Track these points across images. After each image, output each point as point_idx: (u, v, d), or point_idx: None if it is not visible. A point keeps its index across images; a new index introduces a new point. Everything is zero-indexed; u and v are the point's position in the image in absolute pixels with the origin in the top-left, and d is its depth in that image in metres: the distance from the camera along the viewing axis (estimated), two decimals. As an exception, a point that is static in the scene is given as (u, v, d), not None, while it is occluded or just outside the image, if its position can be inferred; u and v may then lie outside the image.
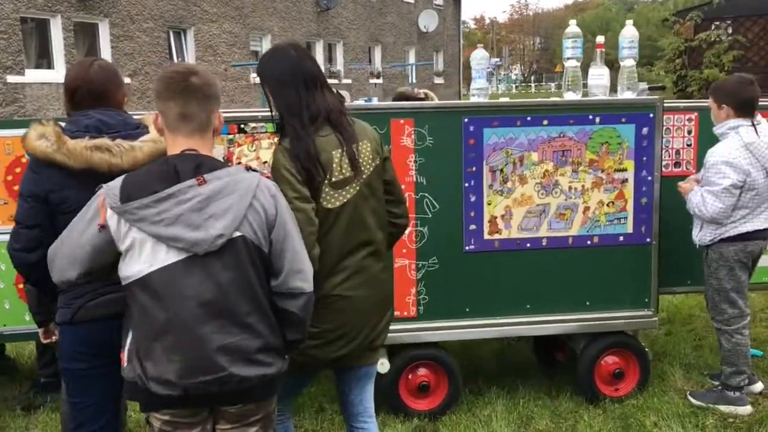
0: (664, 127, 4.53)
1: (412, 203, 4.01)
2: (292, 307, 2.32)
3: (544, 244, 4.17)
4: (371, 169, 2.85)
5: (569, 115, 4.09)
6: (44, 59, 16.34)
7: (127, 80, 17.62)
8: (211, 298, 2.17)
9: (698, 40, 17.22)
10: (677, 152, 4.58)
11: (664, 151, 4.57)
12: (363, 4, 26.35)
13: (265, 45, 22.26)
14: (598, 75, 4.21)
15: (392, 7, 28.18)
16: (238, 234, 2.18)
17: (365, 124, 2.94)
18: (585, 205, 4.17)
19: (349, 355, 2.87)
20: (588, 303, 4.25)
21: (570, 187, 4.15)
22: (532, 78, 73.27)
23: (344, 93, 4.14)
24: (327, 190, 2.73)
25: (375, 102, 4.14)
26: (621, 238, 4.23)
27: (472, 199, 4.07)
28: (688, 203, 4.09)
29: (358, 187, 2.79)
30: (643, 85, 4.35)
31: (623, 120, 4.13)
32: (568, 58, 4.22)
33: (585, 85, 4.36)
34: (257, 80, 3.01)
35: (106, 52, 17.36)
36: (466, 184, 4.05)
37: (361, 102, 4.12)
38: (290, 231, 2.31)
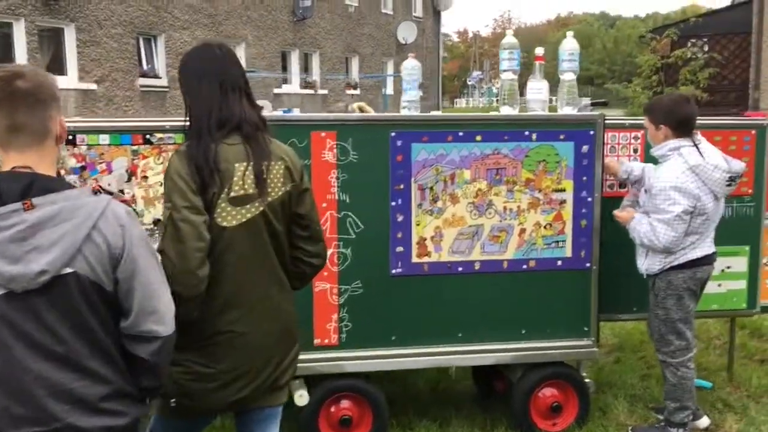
0: (609, 146, 4.30)
1: (334, 222, 3.74)
2: (143, 353, 2.01)
3: (476, 268, 3.90)
4: (280, 193, 2.55)
5: (504, 131, 3.83)
6: (7, 63, 15.90)
7: (93, 86, 17.32)
8: (39, 339, 1.87)
9: (674, 57, 17.18)
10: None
11: (609, 170, 4.33)
12: (340, 14, 26.13)
13: (240, 53, 21.98)
14: (537, 89, 3.97)
15: (370, 18, 27.98)
16: (68, 270, 1.87)
17: (287, 149, 2.65)
18: (521, 227, 3.91)
19: (249, 397, 2.58)
20: (524, 331, 3.98)
21: (505, 208, 3.89)
22: (514, 92, 73.31)
23: (265, 103, 3.87)
24: (223, 205, 2.44)
25: (296, 113, 3.85)
26: (559, 263, 3.97)
27: (400, 219, 3.80)
28: (632, 233, 3.84)
29: (261, 208, 2.50)
30: (586, 101, 4.10)
31: (562, 137, 3.88)
32: (505, 71, 3.97)
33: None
34: None
35: (71, 58, 17.00)
36: (393, 203, 3.78)
37: (279, 113, 3.82)
38: (142, 267, 2.00)
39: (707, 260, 3.80)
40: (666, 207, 3.68)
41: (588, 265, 3.98)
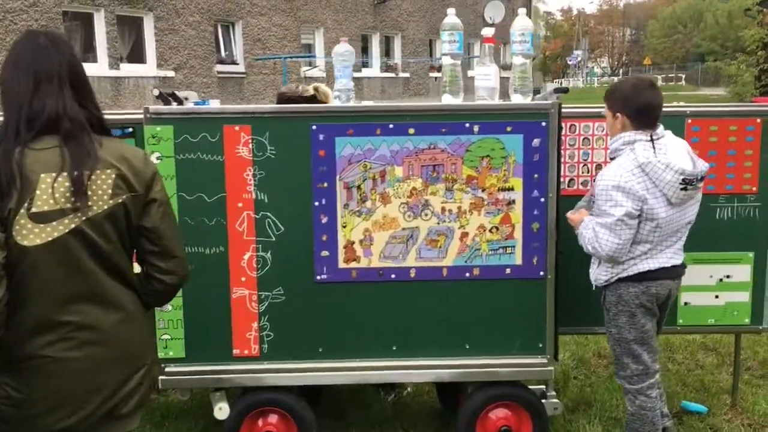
0: (582, 137, 3.80)
1: (252, 224, 3.44)
2: None
3: (412, 275, 3.52)
4: (105, 207, 2.23)
5: (441, 122, 3.41)
6: (89, 53, 16.44)
7: (171, 74, 17.65)
8: None
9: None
10: (599, 166, 3.81)
11: (581, 165, 3.84)
12: (424, -5, 25.66)
13: (318, 38, 21.96)
14: (484, 75, 3.51)
15: (455, -2, 27.31)
16: None
17: (130, 153, 2.29)
18: (462, 230, 3.49)
19: (77, 427, 2.32)
20: (468, 346, 3.57)
21: (443, 209, 3.48)
22: (620, 71, 70.71)
23: (189, 94, 3.61)
24: (23, 221, 2.16)
25: (214, 104, 3.56)
26: (508, 271, 3.53)
27: (324, 220, 3.46)
28: (580, 239, 3.35)
29: (73, 225, 2.20)
30: (550, 87, 3.60)
31: (508, 129, 3.43)
32: (445, 54, 3.53)
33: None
34: (308, 74, 2.47)
35: (150, 46, 17.37)
36: (316, 203, 3.44)
37: (190, 105, 3.54)
38: None
39: (665, 273, 3.27)
40: (607, 209, 3.17)
41: (542, 273, 3.52)
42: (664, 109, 3.76)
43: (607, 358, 4.86)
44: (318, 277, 3.49)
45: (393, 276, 3.51)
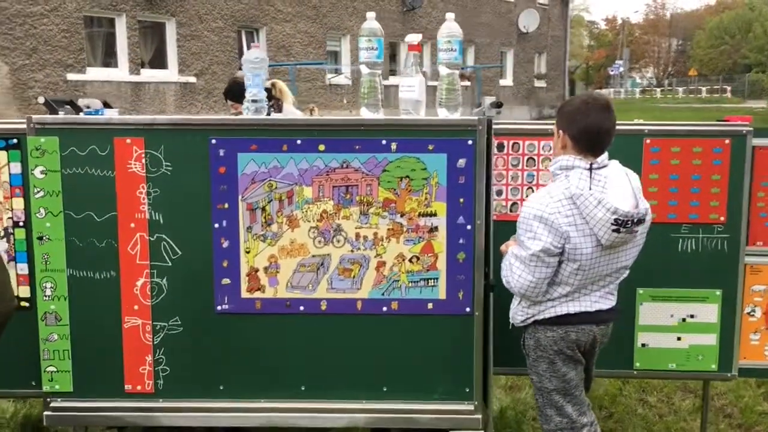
0: (526, 157, 3.41)
1: (146, 246, 3.12)
2: None
3: (323, 308, 3.16)
4: None
5: (354, 138, 3.06)
6: (111, 58, 16.46)
7: (192, 79, 17.57)
8: None
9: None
10: (546, 190, 3.40)
11: (526, 188, 3.44)
12: (455, 3, 25.22)
13: (344, 46, 21.70)
14: (408, 86, 3.15)
15: (488, 6, 26.88)
16: None
17: None
18: (379, 259, 3.12)
19: None
20: (385, 389, 3.20)
21: (358, 235, 3.11)
22: (665, 82, 69.23)
23: (92, 101, 3.32)
24: None
25: (111, 114, 3.25)
26: (430, 306, 3.15)
27: (225, 244, 3.12)
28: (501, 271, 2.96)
29: None
30: (488, 101, 3.20)
31: (430, 147, 3.05)
32: (362, 63, 3.17)
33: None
34: (333, 81, 2.22)
35: (172, 52, 17.31)
36: (216, 225, 3.11)
37: (81, 114, 3.25)
38: None
39: (588, 318, 2.84)
40: (525, 240, 2.77)
41: (468, 309, 3.13)
42: (620, 127, 3.37)
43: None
44: (218, 308, 3.16)
45: (302, 308, 3.16)
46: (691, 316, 3.49)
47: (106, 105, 3.68)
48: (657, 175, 3.40)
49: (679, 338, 3.51)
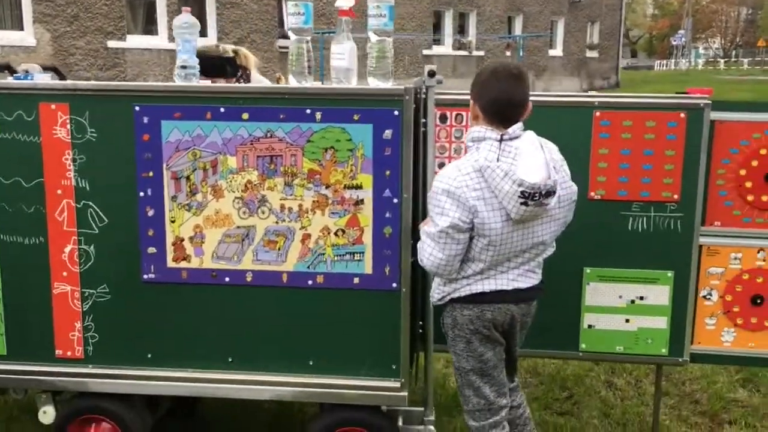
0: (454, 128, 3.29)
1: (72, 213, 3.11)
2: None
3: (248, 279, 3.11)
4: None
5: (279, 107, 2.97)
6: (152, 26, 16.63)
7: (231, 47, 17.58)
8: None
9: None
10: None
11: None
12: (504, -30, 24.71)
13: (386, 13, 21.41)
14: (338, 54, 3.03)
15: (539, -27, 26.22)
16: None
17: None
18: (304, 231, 3.05)
19: None
20: (311, 363, 3.14)
21: (283, 207, 3.05)
22: (732, 53, 66.78)
23: (32, 66, 3.32)
24: None
25: (42, 79, 3.23)
26: (356, 280, 3.07)
27: (150, 213, 3.09)
28: None
29: None
30: (430, 68, 3.06)
31: (356, 117, 2.95)
32: (290, 28, 3.07)
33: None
34: None
35: (211, 20, 17.37)
36: (142, 194, 3.08)
37: (10, 79, 3.24)
38: None
39: (504, 297, 2.72)
40: (434, 217, 2.66)
41: (394, 285, 3.04)
42: (568, 99, 3.23)
43: (542, 376, 4.31)
44: (145, 276, 3.14)
45: (227, 279, 3.12)
46: (641, 298, 3.33)
47: (56, 71, 3.67)
48: (607, 149, 3.24)
49: (627, 320, 3.36)
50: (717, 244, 3.31)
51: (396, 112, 2.92)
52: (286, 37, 18.99)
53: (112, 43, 15.51)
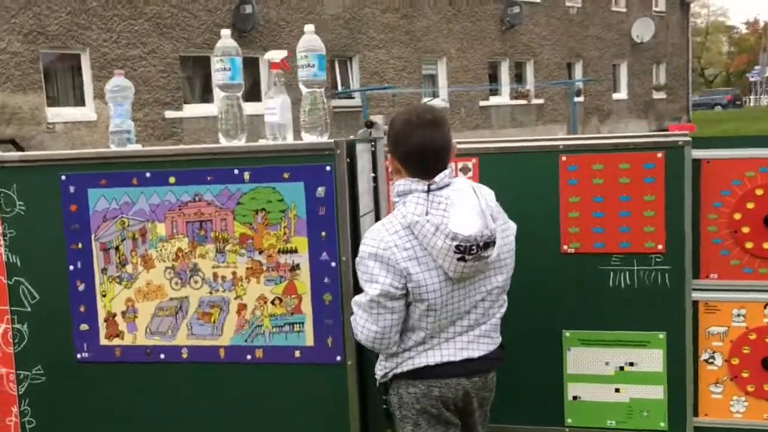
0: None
1: (4, 291, 2.96)
2: None
3: (184, 356, 2.87)
4: None
5: (206, 169, 2.77)
6: (209, 94, 17.00)
7: (285, 110, 17.80)
8: None
9: None
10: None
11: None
12: (559, 17, 24.41)
13: (441, 69, 21.40)
14: (270, 109, 2.82)
15: (596, 18, 25.80)
16: None
17: None
18: (239, 301, 2.80)
19: None
20: (255, 446, 2.85)
21: (215, 275, 2.81)
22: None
23: None
24: None
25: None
26: (297, 354, 2.79)
27: (81, 287, 2.90)
28: None
29: None
30: (370, 119, 2.82)
31: (286, 176, 2.71)
32: (218, 85, 2.88)
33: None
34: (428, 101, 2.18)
35: (264, 85, 17.66)
36: (72, 267, 2.90)
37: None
38: None
39: (454, 370, 2.36)
40: (363, 284, 2.36)
41: (338, 358, 2.74)
42: (531, 144, 2.92)
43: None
44: (79, 356, 2.93)
45: (162, 356, 2.88)
46: (631, 364, 2.93)
47: (14, 143, 3.59)
48: (578, 197, 2.89)
49: (617, 390, 2.95)
50: (716, 300, 2.88)
51: (328, 168, 2.67)
52: (340, 96, 19.17)
53: (169, 113, 15.91)
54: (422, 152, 2.32)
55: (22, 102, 13.77)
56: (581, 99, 24.97)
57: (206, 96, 17.06)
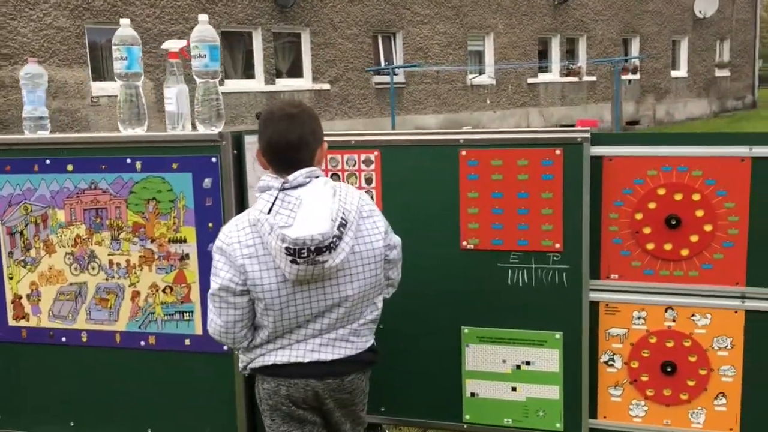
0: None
1: (-75, 271, 3.07)
2: None
3: (84, 340, 2.94)
4: None
5: (101, 157, 2.81)
6: (250, 70, 17.16)
7: (326, 87, 17.88)
8: None
9: None
10: (351, 210, 2.93)
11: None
12: (615, -9, 23.69)
13: (488, 44, 21.07)
14: (168, 99, 2.84)
15: (656, -8, 24.95)
16: None
17: None
18: (133, 288, 2.85)
19: None
20: (149, 430, 2.91)
21: (111, 262, 2.86)
22: None
23: None
24: None
25: None
26: (187, 342, 2.83)
27: (-9, 270, 3.00)
28: None
29: None
30: (259, 111, 2.78)
31: (174, 166, 2.74)
32: (116, 74, 2.89)
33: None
34: (475, 81, 2.33)
35: (306, 60, 17.71)
36: (-19, 250, 3.00)
37: None
38: None
39: (302, 371, 2.33)
40: (211, 278, 2.35)
41: (226, 348, 2.76)
42: (432, 137, 2.87)
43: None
44: (-10, 335, 3.04)
45: (64, 339, 2.96)
46: (527, 363, 2.86)
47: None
48: (477, 193, 2.82)
49: (514, 389, 2.89)
50: (616, 301, 2.79)
51: (213, 159, 2.68)
52: (380, 73, 19.07)
53: (211, 89, 16.05)
54: (275, 147, 2.29)
55: (67, 76, 14.17)
56: (637, 76, 24.27)
57: (249, 71, 17.18)
